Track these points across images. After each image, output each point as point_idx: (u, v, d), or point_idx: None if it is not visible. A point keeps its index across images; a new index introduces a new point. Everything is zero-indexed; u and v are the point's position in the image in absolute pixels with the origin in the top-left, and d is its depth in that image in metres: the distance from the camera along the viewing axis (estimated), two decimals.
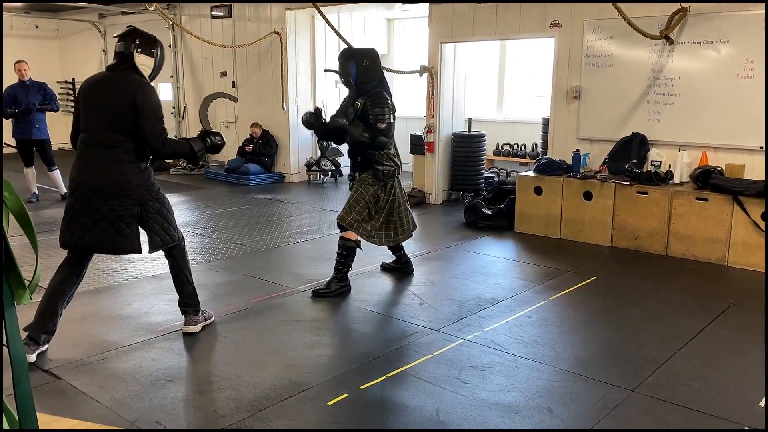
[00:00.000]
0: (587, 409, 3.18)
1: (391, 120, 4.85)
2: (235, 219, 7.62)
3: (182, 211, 8.10)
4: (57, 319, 3.78)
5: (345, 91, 11.13)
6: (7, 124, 8.63)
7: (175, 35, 11.93)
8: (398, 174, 5.13)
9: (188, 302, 4.11)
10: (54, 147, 9.25)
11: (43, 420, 2.25)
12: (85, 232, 3.67)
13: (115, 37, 3.94)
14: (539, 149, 9.29)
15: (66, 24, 14.46)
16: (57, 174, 8.83)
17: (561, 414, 3.13)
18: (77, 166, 3.72)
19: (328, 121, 4.97)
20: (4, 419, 1.46)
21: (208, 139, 4.00)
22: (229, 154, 10.96)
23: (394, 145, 5.09)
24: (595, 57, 6.94)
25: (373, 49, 5.16)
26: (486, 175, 9.01)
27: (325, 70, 5.99)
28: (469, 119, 8.86)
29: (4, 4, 12.92)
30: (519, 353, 3.83)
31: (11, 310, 1.45)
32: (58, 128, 14.97)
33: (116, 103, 3.64)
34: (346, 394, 3.30)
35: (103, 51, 13.78)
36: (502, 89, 10.67)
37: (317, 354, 3.86)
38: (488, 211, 7.28)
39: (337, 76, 10.99)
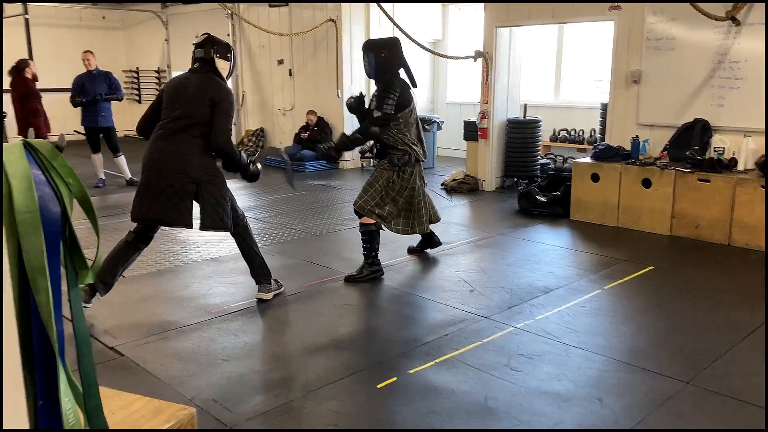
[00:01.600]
0: (639, 400, 3.13)
1: (391, 111, 4.72)
2: (290, 204, 7.77)
3: (241, 196, 8.28)
4: (116, 276, 4.15)
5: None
6: (77, 112, 8.98)
7: (233, 24, 12.17)
8: (420, 162, 5.05)
9: (259, 272, 4.42)
10: (120, 134, 9.60)
11: (107, 394, 2.37)
12: (148, 204, 3.99)
13: (193, 44, 4.24)
14: (597, 135, 9.08)
15: (131, 15, 14.93)
16: (122, 160, 9.16)
17: (612, 404, 3.09)
18: (149, 147, 4.08)
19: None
20: (70, 392, 1.56)
21: (255, 167, 4.32)
22: (285, 141, 11.14)
23: (417, 135, 5.03)
24: (656, 40, 6.71)
25: (393, 39, 5.16)
26: (541, 161, 8.88)
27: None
28: (524, 105, 8.73)
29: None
30: (570, 342, 3.79)
31: (75, 289, 1.55)
32: (124, 116, 15.54)
33: (197, 98, 4.01)
34: (395, 378, 3.35)
35: (166, 40, 14.17)
36: (559, 73, 10.47)
37: (367, 338, 3.93)
38: (543, 198, 7.18)
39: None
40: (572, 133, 9.93)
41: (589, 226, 6.67)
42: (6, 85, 8.53)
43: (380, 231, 4.98)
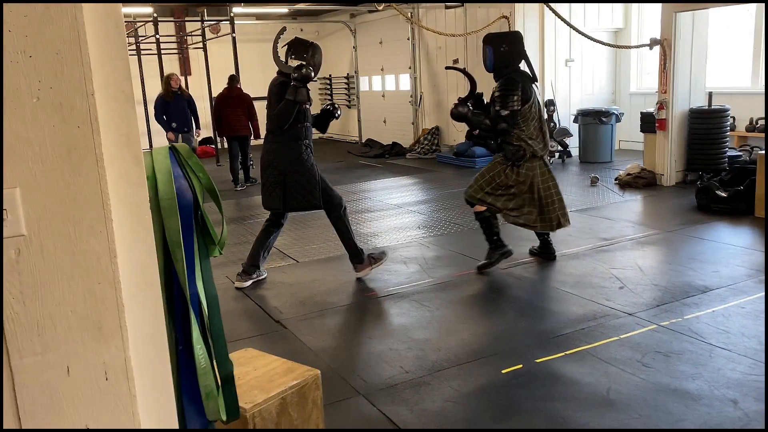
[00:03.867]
0: None
1: (518, 107, 4.72)
2: (454, 200, 8.03)
3: (411, 191, 8.76)
4: (262, 259, 5.02)
5: (575, 71, 10.92)
6: None
7: (413, 28, 12.71)
8: (540, 158, 4.91)
9: (352, 252, 4.96)
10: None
11: (253, 354, 2.86)
12: (262, 196, 4.93)
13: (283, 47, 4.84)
14: None
15: (324, 26, 16.22)
16: None
17: (747, 407, 2.95)
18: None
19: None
20: (201, 340, 1.99)
21: (295, 75, 4.52)
22: (459, 138, 11.43)
23: (540, 128, 4.92)
24: None
25: (514, 32, 5.11)
26: (730, 153, 8.16)
27: (447, 68, 6.13)
28: (710, 93, 8.09)
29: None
30: (717, 343, 3.61)
31: (206, 261, 1.98)
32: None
33: (270, 101, 4.75)
34: (521, 365, 3.48)
35: (353, 48, 15.18)
36: (758, 57, 9.47)
37: (503, 327, 4.08)
38: (723, 194, 6.65)
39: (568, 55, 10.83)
40: None
41: None
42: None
43: (495, 216, 5.04)
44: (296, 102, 4.53)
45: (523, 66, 5.00)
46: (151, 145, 12.22)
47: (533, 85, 4.98)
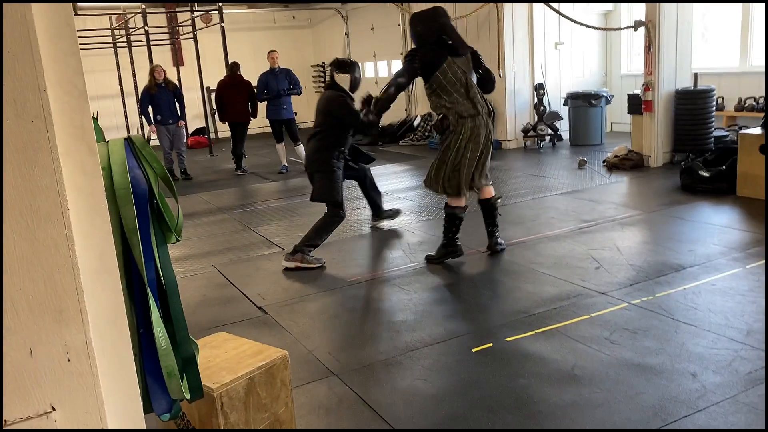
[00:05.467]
0: (737, 377, 3.04)
1: (401, 82, 4.85)
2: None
3: (401, 178, 8.84)
4: (319, 241, 5.29)
5: (565, 53, 10.91)
6: (261, 106, 10.13)
7: (403, 14, 12.71)
8: (473, 117, 4.77)
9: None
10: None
11: (226, 338, 2.96)
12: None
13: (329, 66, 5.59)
14: None
15: (316, 13, 16.22)
16: (301, 148, 10.11)
17: (705, 379, 3.05)
18: None
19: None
20: (161, 322, 2.08)
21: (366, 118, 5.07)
22: None
23: (466, 94, 4.79)
24: None
25: (427, 11, 4.94)
26: (717, 133, 8.21)
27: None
28: (695, 74, 8.13)
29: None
30: (684, 319, 3.71)
31: (163, 247, 2.07)
32: (312, 109, 16.98)
33: (319, 111, 5.41)
34: (491, 344, 3.58)
35: (346, 34, 15.19)
36: (747, 36, 9.48)
37: (478, 308, 4.18)
38: (706, 174, 6.72)
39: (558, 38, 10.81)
40: (760, 101, 8.99)
41: (756, 203, 6.13)
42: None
43: (461, 219, 5.03)
44: (364, 125, 5.19)
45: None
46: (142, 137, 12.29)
47: (465, 57, 4.87)
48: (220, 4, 10.89)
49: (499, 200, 5.16)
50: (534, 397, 3.01)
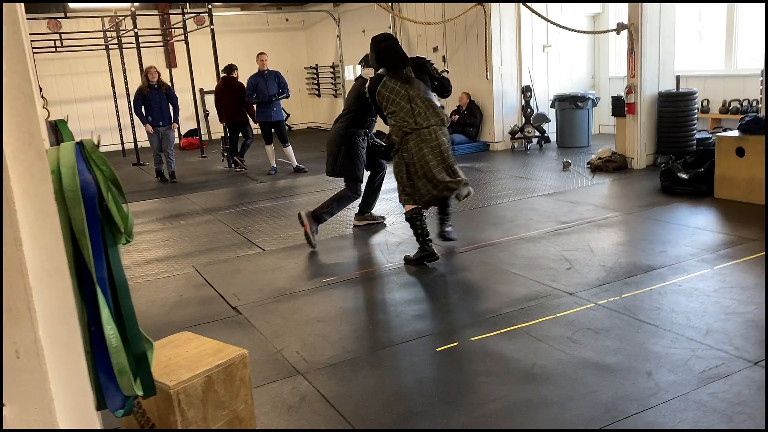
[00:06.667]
0: (691, 376, 3.11)
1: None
2: None
3: (387, 179, 8.87)
4: (332, 209, 5.86)
5: (553, 56, 10.97)
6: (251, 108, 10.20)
7: (394, 17, 12.78)
8: (414, 132, 4.95)
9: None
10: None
11: (189, 337, 3.02)
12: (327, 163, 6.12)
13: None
14: (760, 106, 8.22)
15: (309, 15, 16.29)
16: (290, 149, 10.19)
17: (660, 378, 3.11)
18: None
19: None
20: (112, 321, 2.15)
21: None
22: None
23: (411, 110, 4.99)
24: None
25: (375, 37, 5.36)
26: (700, 136, 8.28)
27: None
28: (677, 76, 8.20)
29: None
30: (647, 319, 3.77)
31: (114, 248, 2.14)
32: (306, 110, 17.05)
33: (351, 94, 6.06)
34: (456, 343, 3.65)
35: (338, 36, 15.26)
36: (731, 39, 9.55)
37: (448, 308, 4.25)
38: (684, 176, 6.79)
39: (545, 41, 10.87)
40: (744, 104, 9.07)
41: (733, 205, 6.21)
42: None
43: (420, 218, 5.07)
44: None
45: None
46: (135, 138, 12.36)
47: (405, 71, 5.07)
48: (210, 6, 10.94)
49: (467, 197, 5.14)
50: (491, 395, 3.08)
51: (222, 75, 10.36)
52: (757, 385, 2.99)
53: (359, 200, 6.26)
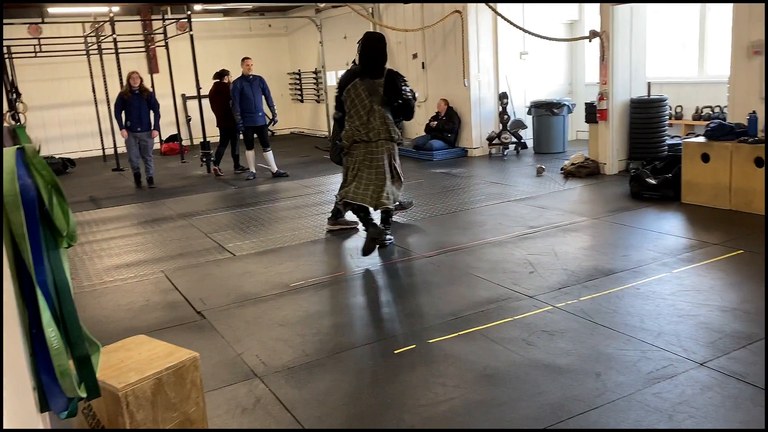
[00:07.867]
0: (638, 377, 3.17)
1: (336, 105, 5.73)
2: (407, 191, 8.22)
3: None
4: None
5: (531, 63, 11.08)
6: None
7: (374, 24, 12.86)
8: (363, 142, 5.39)
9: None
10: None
11: (143, 340, 3.06)
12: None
13: None
14: (724, 113, 8.36)
15: (292, 21, 16.35)
16: (270, 155, 10.18)
17: (608, 379, 3.18)
18: None
19: None
20: (53, 323, 2.18)
21: None
22: (419, 131, 11.63)
23: (366, 120, 5.39)
24: None
25: (372, 34, 5.68)
26: (672, 142, 8.40)
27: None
28: (648, 83, 8.33)
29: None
30: (602, 322, 3.85)
31: (55, 251, 2.17)
32: (288, 116, 17.05)
33: None
34: (414, 345, 3.70)
35: (320, 42, 15.31)
36: (703, 47, 9.71)
37: (411, 311, 4.30)
38: (653, 181, 6.90)
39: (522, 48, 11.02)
40: (716, 110, 9.21)
41: (699, 210, 6.32)
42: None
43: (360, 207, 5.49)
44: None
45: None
46: (114, 144, 12.34)
47: (377, 82, 5.38)
48: (189, 12, 10.97)
49: (404, 211, 5.69)
50: (442, 396, 3.13)
51: (214, 80, 10.47)
52: (700, 386, 3.06)
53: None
